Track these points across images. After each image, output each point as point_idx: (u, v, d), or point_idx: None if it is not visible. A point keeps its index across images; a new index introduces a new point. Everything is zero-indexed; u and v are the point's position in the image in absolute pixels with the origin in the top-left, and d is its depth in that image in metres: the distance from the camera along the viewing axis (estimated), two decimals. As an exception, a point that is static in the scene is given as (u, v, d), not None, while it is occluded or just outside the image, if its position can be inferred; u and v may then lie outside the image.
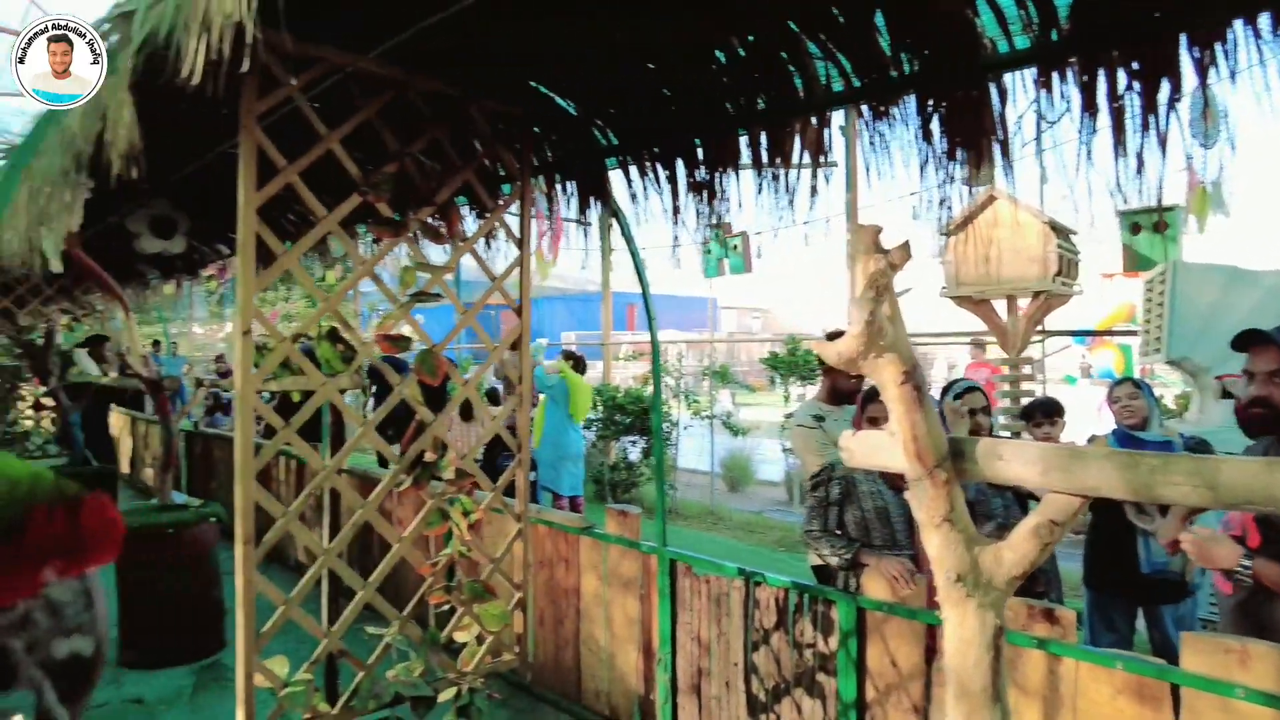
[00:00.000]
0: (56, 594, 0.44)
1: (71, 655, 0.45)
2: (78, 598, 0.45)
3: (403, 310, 2.58)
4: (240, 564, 2.28)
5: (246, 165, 2.28)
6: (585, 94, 3.03)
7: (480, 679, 2.90)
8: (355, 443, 2.56)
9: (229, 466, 7.83)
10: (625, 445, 9.84)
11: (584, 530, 3.96)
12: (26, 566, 0.43)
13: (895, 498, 3.14)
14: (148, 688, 4.30)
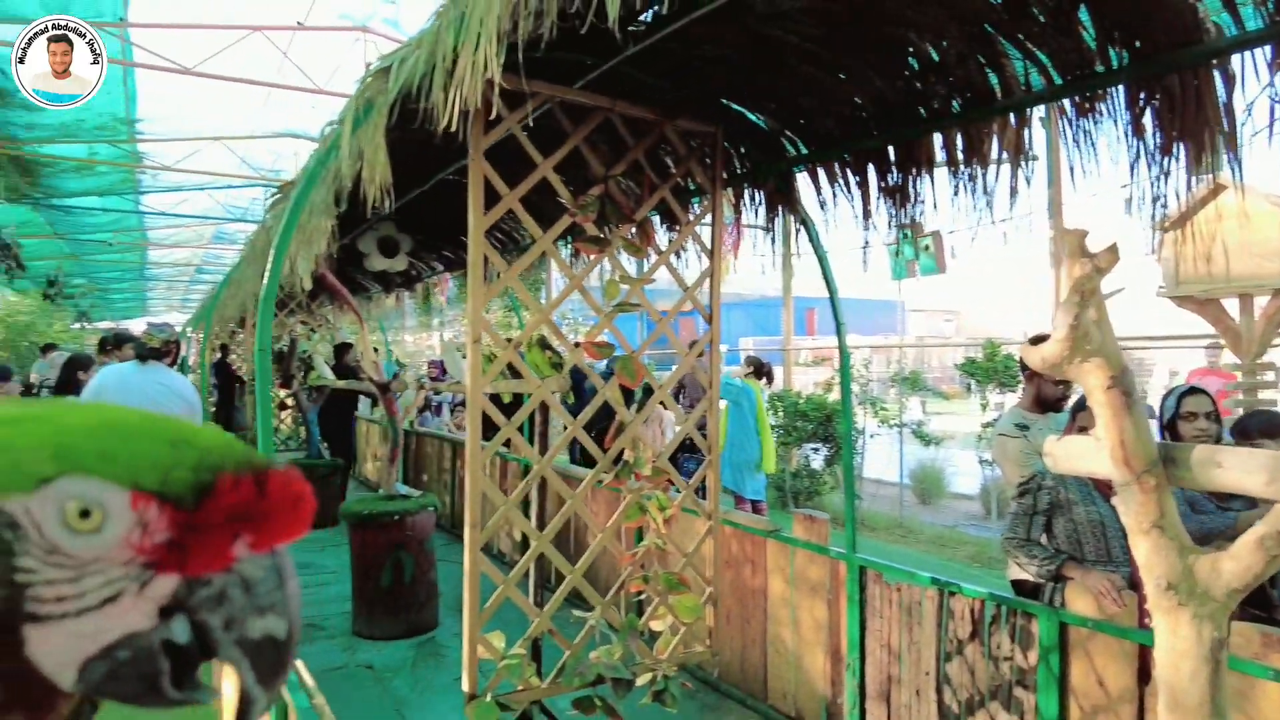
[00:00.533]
0: (248, 570, 0.43)
1: (266, 636, 0.43)
2: (269, 575, 0.43)
3: (607, 319, 2.79)
4: (468, 546, 2.57)
5: (475, 193, 2.57)
6: (777, 108, 3.13)
7: (674, 667, 3.06)
8: (567, 438, 2.80)
9: (438, 462, 8.58)
10: (807, 452, 9.75)
11: (771, 533, 4.04)
12: (217, 535, 0.41)
13: (1110, 509, 2.98)
14: (376, 656, 4.84)
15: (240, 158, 10.70)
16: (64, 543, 0.38)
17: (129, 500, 0.39)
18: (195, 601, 0.41)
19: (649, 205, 2.99)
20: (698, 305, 3.18)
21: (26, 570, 0.38)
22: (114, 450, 0.40)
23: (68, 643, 0.39)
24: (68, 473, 0.38)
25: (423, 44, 2.12)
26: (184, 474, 0.40)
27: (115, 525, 0.39)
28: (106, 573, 0.39)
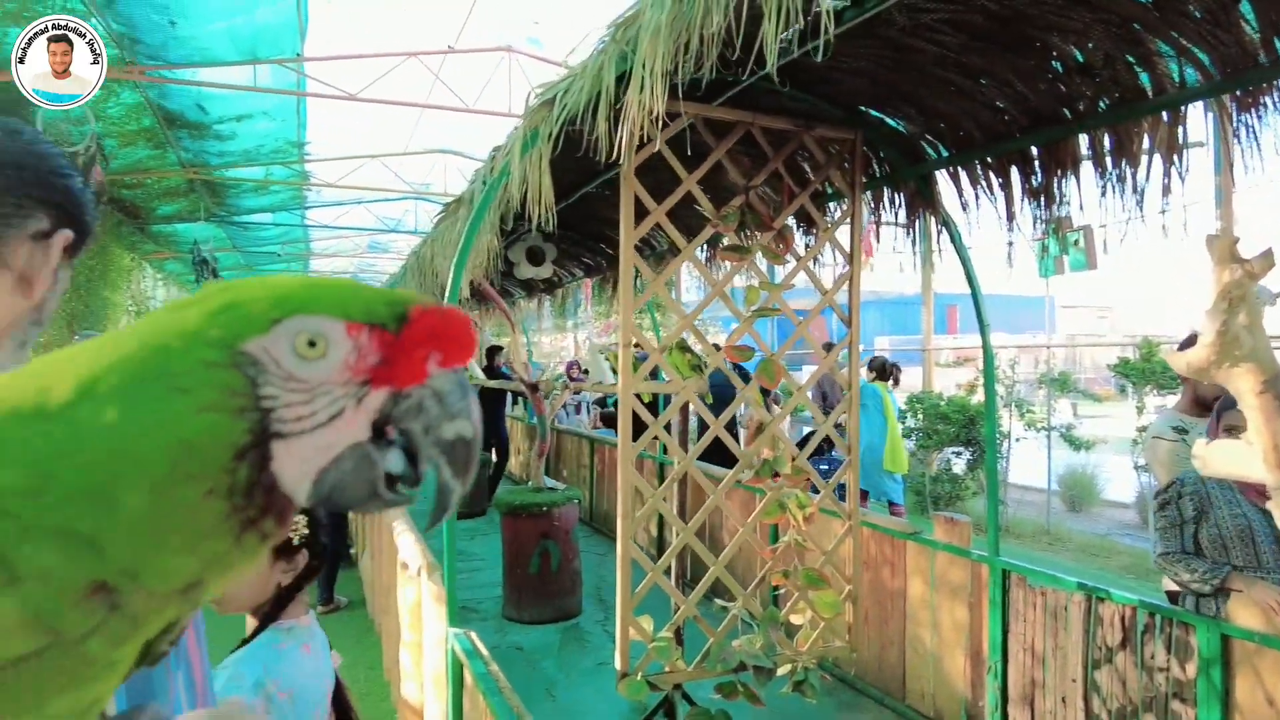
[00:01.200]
0: (439, 384, 0.49)
1: (457, 436, 0.49)
2: (455, 388, 0.49)
3: (747, 323, 2.93)
4: (620, 535, 2.77)
5: (626, 209, 2.77)
6: (916, 113, 3.18)
7: (813, 660, 3.16)
8: (710, 436, 2.96)
9: (576, 458, 8.94)
10: (948, 456, 9.47)
11: (911, 535, 4.05)
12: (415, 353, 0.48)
13: (1259, 514, 2.85)
14: (525, 639, 5.16)
15: (394, 173, 11.50)
16: (297, 370, 0.47)
17: (345, 330, 0.48)
18: (399, 412, 0.50)
19: (789, 212, 3.11)
20: (836, 308, 3.26)
21: (270, 397, 0.46)
22: (325, 294, 0.49)
23: (305, 455, 0.47)
24: (293, 314, 0.47)
25: (585, 76, 2.34)
26: (383, 307, 0.49)
27: (336, 351, 0.47)
28: (331, 393, 0.48)
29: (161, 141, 8.02)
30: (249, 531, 0.46)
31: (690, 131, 3.19)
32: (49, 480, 0.42)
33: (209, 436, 0.44)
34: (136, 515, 0.43)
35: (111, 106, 7.13)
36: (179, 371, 0.45)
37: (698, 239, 2.90)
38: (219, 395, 0.45)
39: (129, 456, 0.43)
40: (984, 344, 3.47)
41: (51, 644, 0.43)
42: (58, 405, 0.44)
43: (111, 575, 0.43)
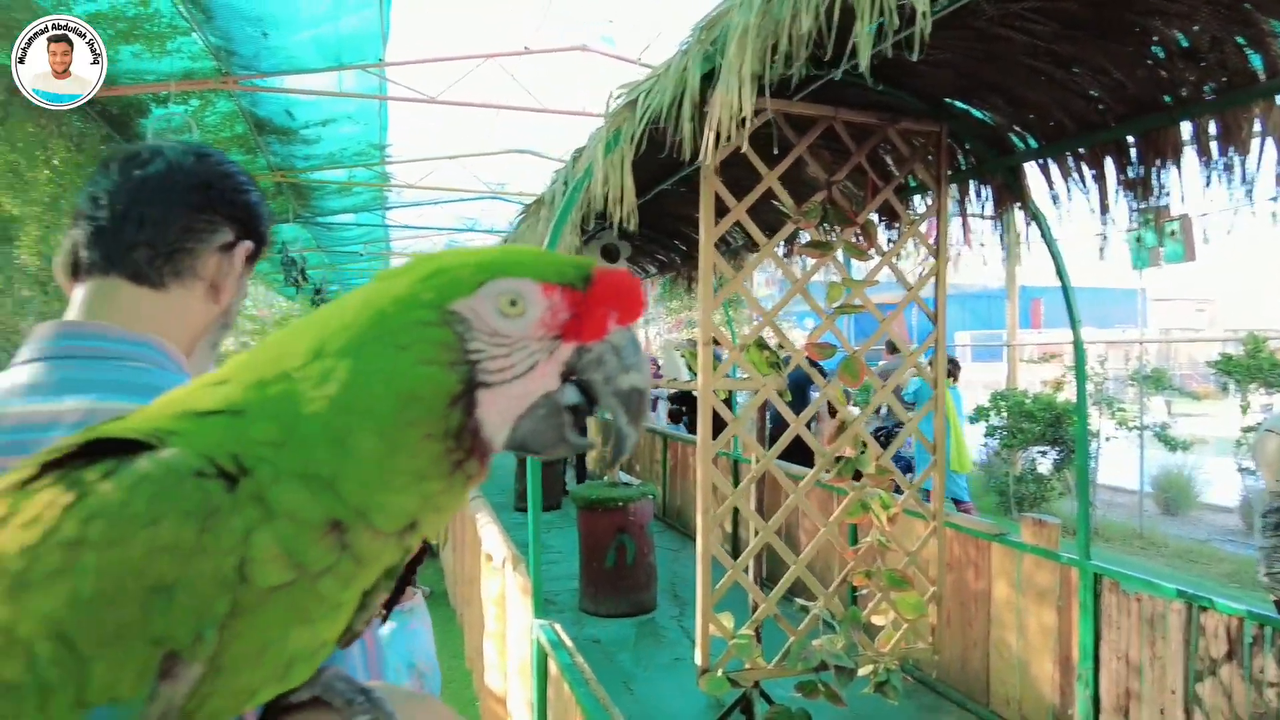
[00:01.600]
0: (617, 339, 0.53)
1: (632, 387, 0.53)
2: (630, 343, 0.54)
3: (829, 321, 2.90)
4: (700, 531, 2.78)
5: (706, 208, 2.77)
6: (1004, 104, 3.09)
7: (895, 661, 3.12)
8: (791, 434, 2.95)
9: (649, 453, 8.98)
10: (1033, 456, 9.14)
11: (996, 537, 3.95)
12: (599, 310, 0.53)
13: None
14: (602, 632, 5.22)
15: (472, 173, 11.74)
16: (500, 327, 0.53)
17: (541, 290, 0.53)
18: (583, 364, 0.55)
19: (872, 207, 3.06)
20: (921, 304, 3.20)
21: (477, 351, 0.51)
22: (524, 259, 0.56)
23: (505, 402, 0.52)
24: (496, 276, 0.53)
25: (667, 77, 2.35)
26: (572, 269, 0.55)
27: (534, 309, 0.53)
28: (528, 347, 0.53)
29: (252, 147, 8.37)
30: (458, 472, 0.52)
31: (769, 129, 3.18)
32: (293, 431, 0.49)
33: (427, 386, 0.50)
34: (368, 458, 0.49)
35: (208, 116, 7.48)
36: (397, 331, 0.51)
37: (779, 235, 2.89)
38: (434, 350, 0.51)
39: (360, 406, 0.49)
40: (1075, 339, 3.36)
41: (296, 579, 0.49)
42: (294, 368, 0.51)
43: (345, 514, 0.49)
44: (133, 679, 0.44)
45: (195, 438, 0.50)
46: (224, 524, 0.46)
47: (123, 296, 0.89)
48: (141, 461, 0.48)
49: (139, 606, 0.44)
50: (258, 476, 0.49)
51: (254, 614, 0.48)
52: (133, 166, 0.92)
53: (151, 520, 0.45)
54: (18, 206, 6.20)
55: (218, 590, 0.46)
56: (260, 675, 0.52)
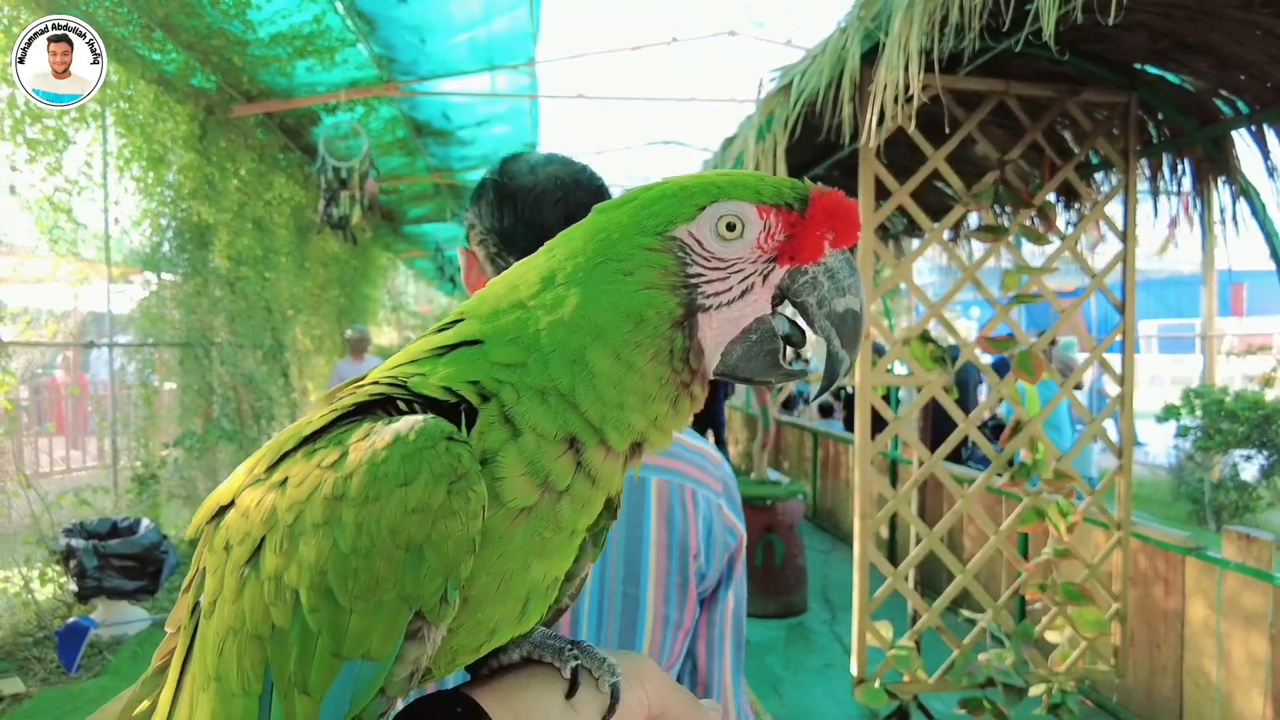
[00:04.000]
0: (832, 262, 0.53)
1: (847, 310, 0.53)
2: (845, 266, 0.54)
3: (1004, 312, 2.68)
4: (858, 535, 2.65)
5: (865, 191, 2.62)
6: (1208, 66, 2.74)
7: (1071, 682, 2.85)
8: (959, 435, 2.75)
9: (799, 450, 8.77)
10: (1235, 460, 8.14)
11: (1192, 551, 3.55)
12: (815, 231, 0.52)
13: None
14: (751, 634, 5.12)
15: (620, 168, 11.89)
16: (718, 250, 0.53)
17: (758, 212, 0.53)
18: (797, 286, 0.54)
19: (1051, 187, 2.80)
20: (1106, 292, 2.90)
21: (696, 275, 0.52)
22: (741, 181, 0.55)
23: (721, 326, 0.53)
24: (715, 200, 0.53)
25: (824, 58, 2.23)
26: (789, 190, 0.54)
27: (751, 231, 0.53)
28: (743, 270, 0.53)
29: (412, 150, 8.81)
30: (683, 394, 0.53)
31: (933, 107, 2.97)
32: (531, 353, 0.52)
33: (652, 310, 0.51)
34: (602, 375, 0.51)
35: (373, 121, 7.94)
36: (623, 257, 0.53)
37: (948, 219, 2.69)
38: (656, 275, 0.52)
39: (592, 328, 0.51)
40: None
41: (539, 502, 0.51)
42: (528, 297, 0.54)
43: (582, 429, 0.51)
44: (382, 635, 0.46)
45: (437, 375, 0.53)
46: (470, 487, 0.48)
47: None
48: (398, 422, 0.49)
49: (390, 562, 0.46)
50: (502, 398, 0.51)
51: (501, 541, 0.50)
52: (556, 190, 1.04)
53: (404, 481, 0.47)
54: (212, 214, 6.82)
55: (463, 552, 0.47)
56: (501, 611, 0.53)
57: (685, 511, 1.03)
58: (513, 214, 1.05)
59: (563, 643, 0.59)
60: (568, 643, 0.59)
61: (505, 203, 1.06)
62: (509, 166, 1.09)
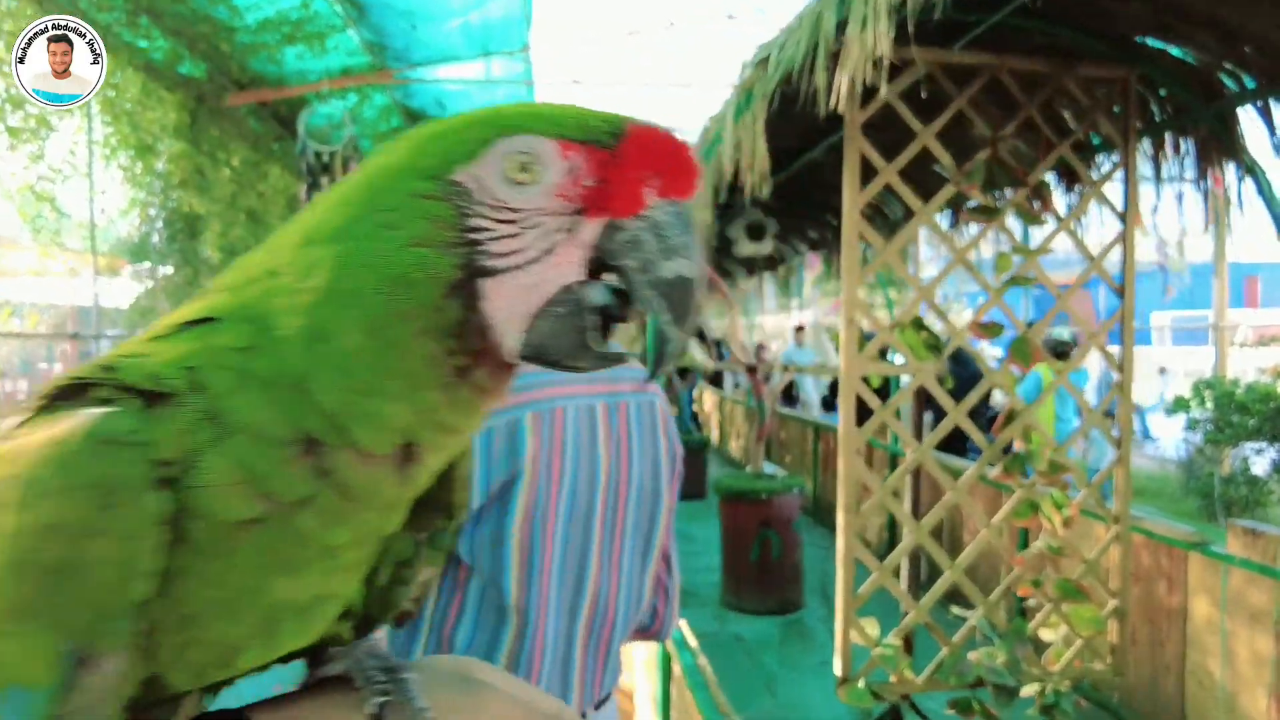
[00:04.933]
0: (658, 215, 0.45)
1: (677, 276, 0.45)
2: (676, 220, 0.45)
3: (996, 296, 2.56)
4: (841, 530, 2.54)
5: (850, 170, 2.51)
6: (1212, 37, 2.61)
7: (1066, 682, 2.74)
8: (948, 425, 2.64)
9: (800, 444, 8.65)
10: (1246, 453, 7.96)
11: (1195, 546, 3.42)
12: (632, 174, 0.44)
13: None
14: (745, 629, 5.02)
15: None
16: (508, 197, 0.44)
17: (558, 149, 0.44)
18: (614, 246, 0.45)
19: (1046, 165, 2.68)
20: (1106, 276, 2.78)
21: (479, 229, 0.43)
22: (539, 112, 0.46)
23: (516, 295, 0.43)
24: (505, 134, 0.44)
25: (802, 28, 2.11)
26: (599, 122, 0.45)
27: (548, 174, 0.44)
28: (543, 225, 0.44)
29: (409, 139, 8.73)
30: (463, 382, 0.43)
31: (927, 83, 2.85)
32: (267, 332, 0.43)
33: (419, 271, 0.42)
34: (348, 353, 0.42)
35: (366, 110, 7.84)
36: (388, 206, 0.44)
37: (935, 199, 2.57)
38: (427, 228, 0.43)
39: (342, 294, 0.42)
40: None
41: (268, 514, 0.42)
42: (282, 262, 0.45)
43: (320, 426, 0.42)
44: (39, 665, 0.38)
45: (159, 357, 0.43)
46: (131, 500, 0.38)
47: None
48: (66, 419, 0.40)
49: (33, 586, 0.38)
50: (211, 390, 0.42)
51: (219, 555, 0.42)
52: None
53: (46, 491, 0.38)
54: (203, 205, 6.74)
55: (124, 575, 0.39)
56: (240, 629, 0.45)
57: (668, 423, 1.23)
58: None
59: (379, 669, 0.50)
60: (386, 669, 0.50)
61: None
62: None
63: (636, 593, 1.21)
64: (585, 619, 1.11)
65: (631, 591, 1.19)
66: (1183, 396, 8.13)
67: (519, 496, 1.02)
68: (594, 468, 1.09)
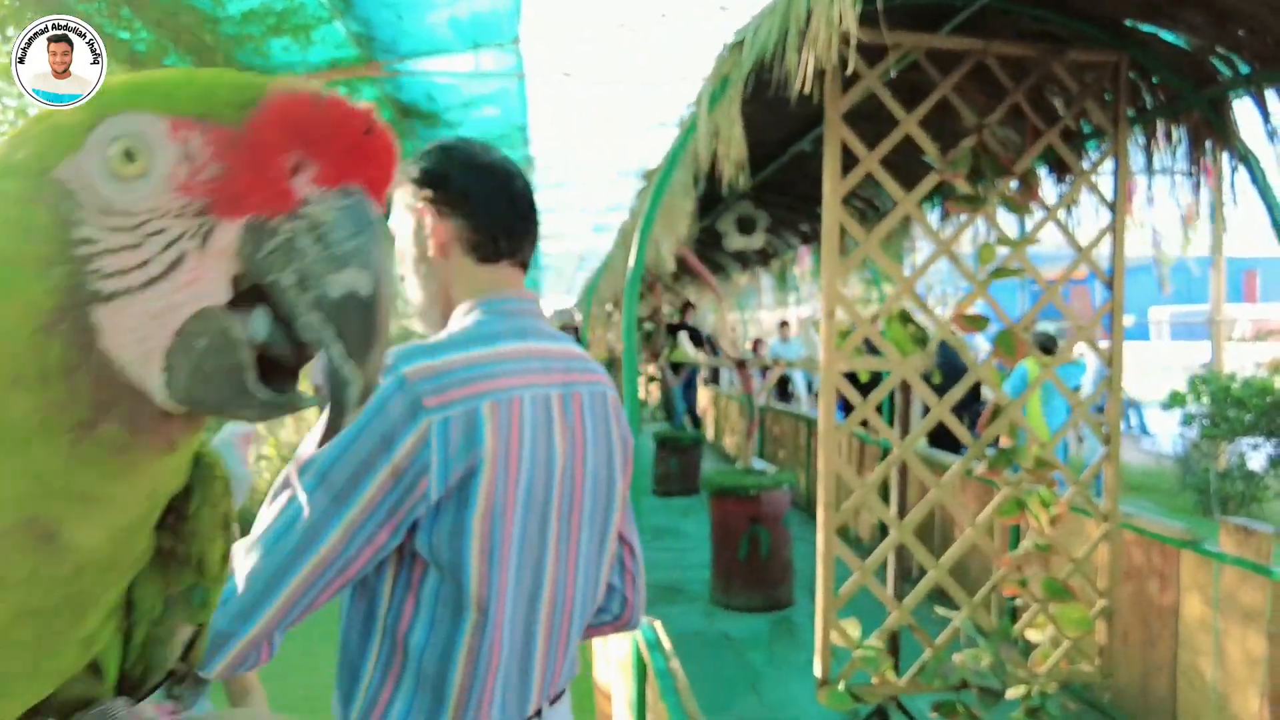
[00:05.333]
0: (318, 211, 0.35)
1: (349, 294, 0.35)
2: (344, 216, 0.35)
3: (981, 288, 2.49)
4: (821, 526, 2.48)
5: (830, 159, 2.44)
6: (1205, 21, 2.54)
7: (1053, 684, 2.68)
8: (931, 421, 2.57)
9: (794, 439, 8.59)
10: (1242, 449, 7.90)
11: (1187, 543, 3.35)
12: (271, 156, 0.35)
13: None
14: (733, 627, 4.97)
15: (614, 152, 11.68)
16: (116, 196, 0.35)
17: (169, 129, 0.35)
18: (262, 257, 0.35)
19: (1032, 154, 2.61)
20: (1095, 268, 2.71)
21: (86, 241, 0.35)
22: (150, 85, 0.37)
23: (141, 325, 0.35)
24: (106, 113, 0.36)
25: (776, 10, 2.04)
26: (226, 92, 0.36)
27: (161, 161, 0.35)
28: (165, 231, 0.35)
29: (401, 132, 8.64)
30: (84, 438, 0.34)
31: (914, 72, 2.77)
32: None
33: (9, 300, 0.33)
34: None
35: (357, 103, 7.77)
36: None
37: (917, 189, 2.50)
38: (15, 242, 0.34)
39: None
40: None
41: None
42: None
43: None
44: None
45: None
46: None
47: (519, 277, 1.16)
48: None
49: None
50: None
51: None
52: (516, 176, 1.15)
53: None
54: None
55: None
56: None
57: (620, 412, 1.24)
58: None
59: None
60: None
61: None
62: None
63: (594, 582, 1.18)
64: (545, 610, 1.08)
65: (589, 581, 1.16)
66: (1179, 391, 8.06)
67: (479, 488, 0.98)
68: (550, 457, 1.06)
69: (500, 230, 1.13)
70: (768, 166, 4.66)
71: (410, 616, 1.01)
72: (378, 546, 0.96)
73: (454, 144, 1.17)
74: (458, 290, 1.14)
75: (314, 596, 0.94)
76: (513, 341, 1.07)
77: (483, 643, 1.01)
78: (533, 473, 1.04)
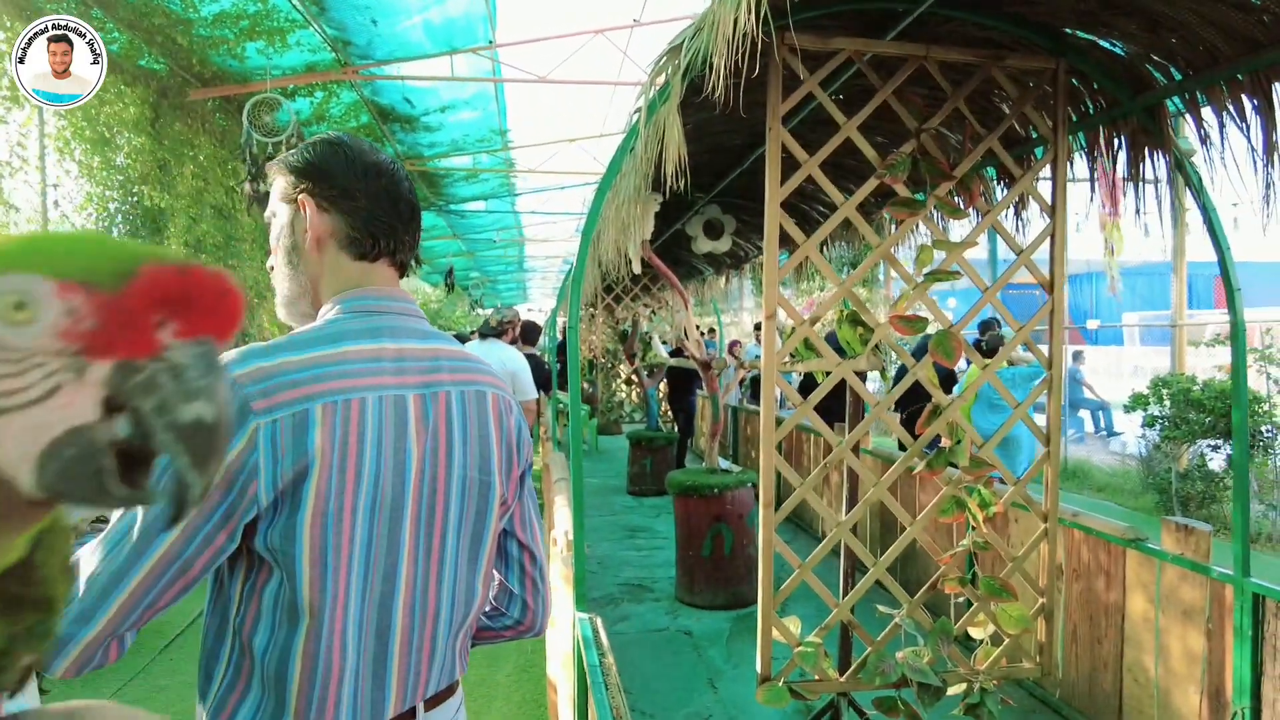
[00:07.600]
0: (177, 356, 0.46)
1: (196, 420, 0.45)
2: (197, 361, 0.46)
3: (919, 290, 2.54)
4: (761, 524, 2.51)
5: (772, 163, 2.48)
6: (1138, 28, 2.59)
7: (994, 681, 2.72)
8: (869, 422, 2.61)
9: (769, 441, 8.63)
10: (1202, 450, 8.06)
11: (1130, 542, 3.42)
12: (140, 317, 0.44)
13: None
14: (695, 624, 5.00)
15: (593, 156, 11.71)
16: (5, 336, 0.44)
17: (55, 290, 0.44)
18: (128, 388, 0.45)
19: (972, 159, 2.66)
20: (1034, 271, 2.76)
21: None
22: (44, 249, 0.46)
23: (20, 435, 0.43)
24: (5, 272, 0.44)
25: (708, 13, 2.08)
26: (106, 263, 0.45)
27: (46, 314, 0.44)
28: (45, 365, 0.44)
29: (379, 136, 8.64)
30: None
31: (859, 78, 2.82)
32: None
33: None
34: None
35: (334, 107, 7.77)
36: None
37: (857, 194, 2.55)
38: None
39: None
40: (1231, 311, 2.81)
41: None
42: None
43: None
44: None
45: None
46: None
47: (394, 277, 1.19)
48: None
49: None
50: None
51: None
52: (402, 179, 1.20)
53: None
54: (165, 200, 6.65)
55: None
56: None
57: (506, 413, 1.23)
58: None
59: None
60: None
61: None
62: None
63: (467, 585, 1.16)
64: (401, 614, 1.07)
65: (458, 586, 1.14)
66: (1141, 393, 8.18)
67: (309, 491, 0.97)
68: (403, 460, 1.05)
69: (381, 230, 1.15)
70: (733, 171, 4.70)
71: (254, 618, 1.01)
72: (216, 549, 0.96)
73: (342, 139, 1.18)
74: (326, 285, 1.15)
75: (155, 597, 0.94)
76: (363, 341, 1.07)
77: (319, 646, 1.00)
78: (378, 475, 1.02)
